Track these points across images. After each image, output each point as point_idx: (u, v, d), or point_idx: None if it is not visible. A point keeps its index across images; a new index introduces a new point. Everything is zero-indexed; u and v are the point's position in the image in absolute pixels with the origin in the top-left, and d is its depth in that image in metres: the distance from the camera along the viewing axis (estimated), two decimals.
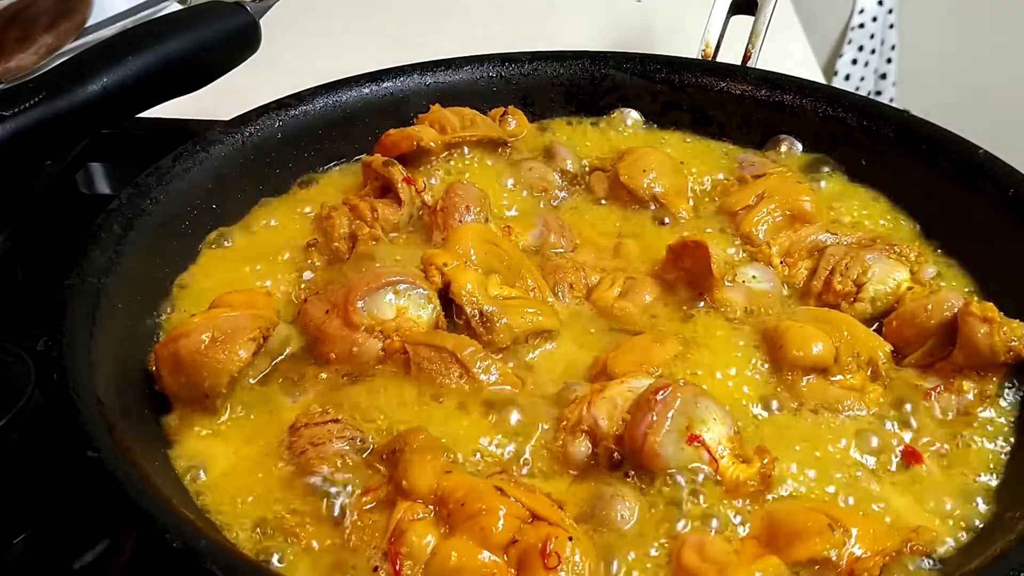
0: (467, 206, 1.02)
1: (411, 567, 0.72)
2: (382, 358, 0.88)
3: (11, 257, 1.28)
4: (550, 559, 0.69)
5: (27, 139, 0.97)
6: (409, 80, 1.21)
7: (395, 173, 1.04)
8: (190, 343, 0.83)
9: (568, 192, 1.14)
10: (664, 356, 0.88)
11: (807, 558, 0.72)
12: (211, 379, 0.83)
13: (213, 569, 0.65)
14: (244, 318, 0.85)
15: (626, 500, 0.76)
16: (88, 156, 1.43)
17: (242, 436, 0.84)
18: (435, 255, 0.94)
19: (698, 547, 0.72)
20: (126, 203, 0.98)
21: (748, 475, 0.77)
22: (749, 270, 1.00)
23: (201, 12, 1.17)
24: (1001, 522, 0.77)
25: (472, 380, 0.86)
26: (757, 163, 1.15)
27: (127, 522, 0.82)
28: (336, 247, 1.01)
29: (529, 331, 0.91)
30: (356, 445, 0.81)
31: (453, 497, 0.74)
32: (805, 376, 0.88)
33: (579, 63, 1.25)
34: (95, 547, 0.93)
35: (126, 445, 0.75)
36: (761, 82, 1.20)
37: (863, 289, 0.96)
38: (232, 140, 1.10)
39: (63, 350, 0.81)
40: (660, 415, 0.77)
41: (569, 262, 1.01)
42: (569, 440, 0.81)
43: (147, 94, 1.10)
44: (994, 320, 0.85)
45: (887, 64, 3.28)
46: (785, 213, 1.05)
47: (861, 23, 3.18)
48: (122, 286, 0.91)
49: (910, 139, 1.09)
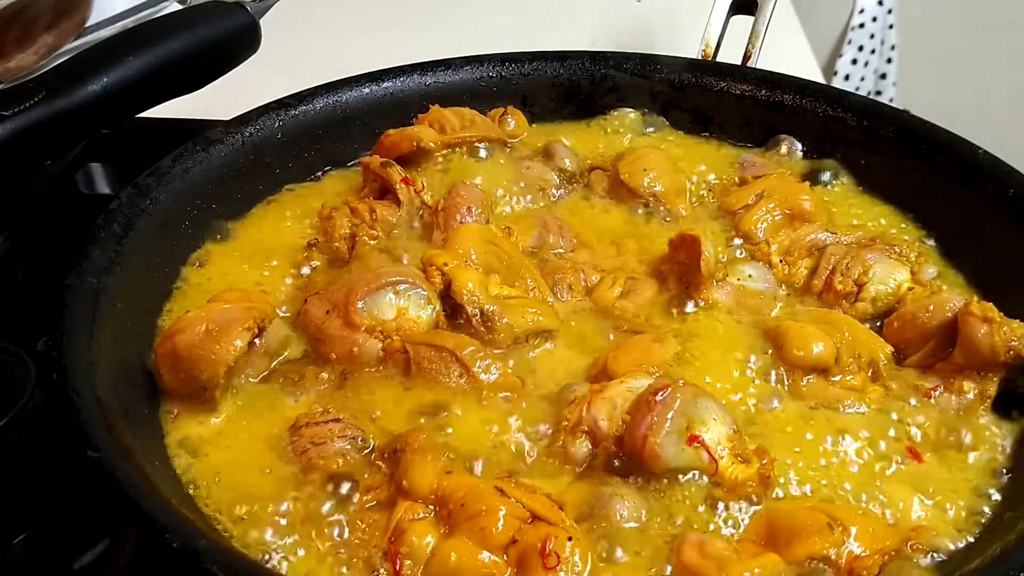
0: (469, 207, 1.02)
1: (411, 567, 0.72)
2: (382, 358, 0.88)
3: (11, 257, 1.28)
4: (549, 559, 0.69)
5: (27, 139, 0.97)
6: (409, 80, 1.21)
7: (393, 174, 1.04)
8: (186, 338, 0.83)
9: (566, 190, 1.14)
10: (664, 356, 0.88)
11: (806, 557, 0.72)
12: (208, 371, 0.83)
13: (213, 569, 0.65)
14: (238, 310, 0.86)
15: (625, 499, 0.76)
16: (88, 156, 1.43)
17: (243, 435, 0.84)
18: (435, 255, 0.94)
19: (698, 545, 0.72)
20: (126, 203, 0.98)
21: (747, 475, 0.77)
22: (747, 269, 1.00)
23: (201, 12, 1.17)
24: (1001, 522, 0.77)
25: (472, 380, 0.86)
26: (758, 164, 1.15)
27: (127, 522, 0.82)
28: (336, 247, 1.01)
29: (529, 331, 0.91)
30: (357, 444, 0.81)
31: (453, 498, 0.74)
32: (805, 376, 0.88)
33: (579, 63, 1.25)
34: (95, 547, 0.93)
35: (126, 445, 0.75)
36: (761, 82, 1.20)
37: (864, 289, 0.96)
38: (232, 140, 1.10)
39: (63, 350, 0.81)
40: (660, 416, 0.77)
41: (568, 263, 1.01)
42: (569, 440, 0.81)
43: (147, 94, 1.09)
44: (994, 320, 0.85)
45: (887, 64, 3.28)
46: (784, 212, 1.05)
47: (861, 23, 3.18)
48: (122, 286, 0.91)
49: (910, 139, 1.10)
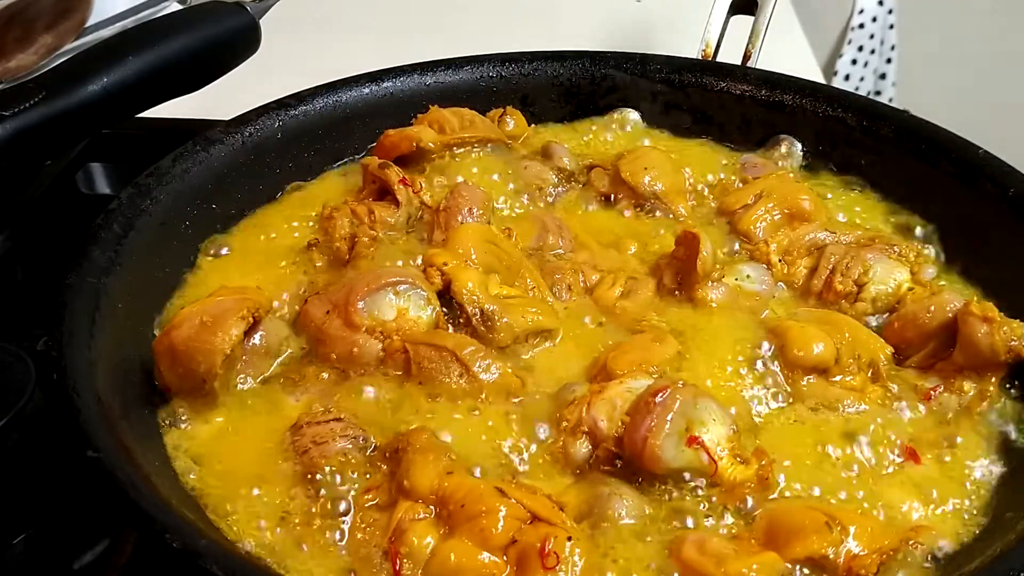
0: (470, 207, 1.02)
1: (411, 567, 0.72)
2: (383, 358, 0.88)
3: (11, 257, 1.29)
4: (549, 559, 0.69)
5: (27, 139, 0.97)
6: (409, 80, 1.21)
7: (391, 175, 1.04)
8: (182, 332, 0.83)
9: (564, 189, 1.13)
10: (663, 355, 0.88)
11: (805, 556, 0.72)
12: (205, 362, 0.83)
13: (213, 569, 0.65)
14: (231, 301, 0.86)
15: (624, 499, 0.76)
16: (88, 156, 1.43)
17: (244, 435, 0.84)
18: (435, 255, 0.94)
19: (698, 544, 0.72)
20: (126, 203, 0.98)
21: (746, 476, 0.77)
22: (745, 269, 0.99)
23: (201, 12, 1.17)
24: (1001, 522, 0.77)
25: (472, 379, 0.86)
26: (759, 165, 1.15)
27: (127, 522, 0.82)
28: (337, 248, 1.00)
29: (530, 330, 0.91)
30: (358, 444, 0.81)
31: (454, 498, 0.74)
32: (805, 376, 0.88)
33: (579, 63, 1.25)
34: (95, 547, 0.92)
35: (126, 445, 0.75)
36: (761, 82, 1.20)
37: (864, 289, 0.96)
38: (232, 140, 1.09)
39: (63, 350, 0.81)
40: (659, 418, 0.77)
41: (568, 263, 1.01)
42: (570, 441, 0.81)
43: (147, 94, 1.09)
44: (994, 320, 0.85)
45: (887, 64, 3.27)
46: (783, 211, 1.05)
47: (861, 23, 3.18)
48: (122, 286, 0.91)
49: (910, 139, 1.09)
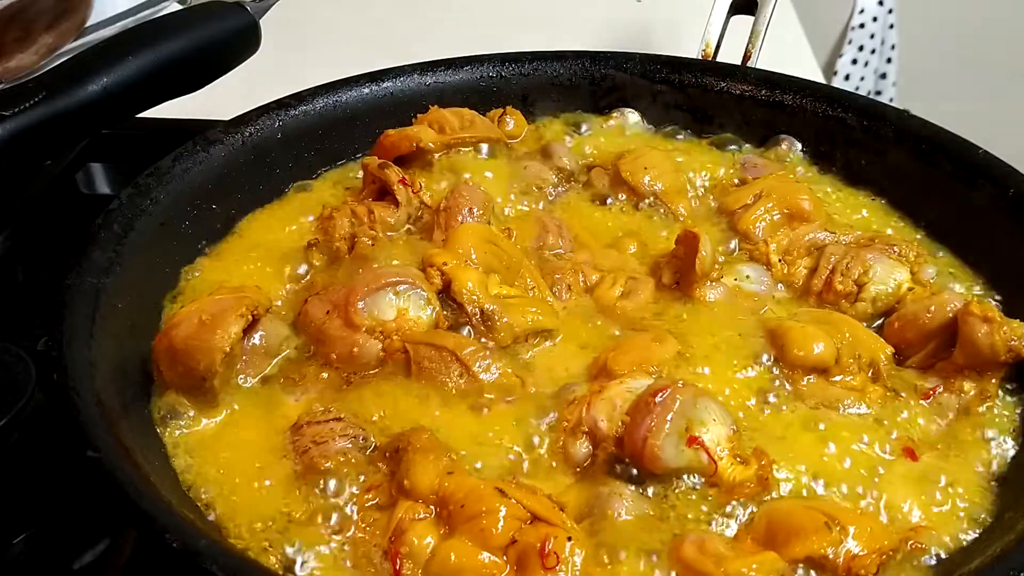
0: (471, 207, 1.02)
1: (411, 567, 0.72)
2: (383, 358, 0.88)
3: (11, 257, 1.29)
4: (548, 559, 0.69)
5: (27, 139, 0.97)
6: (409, 80, 1.21)
7: (391, 175, 1.04)
8: (181, 331, 0.83)
9: (564, 188, 1.13)
10: (664, 355, 0.88)
11: (804, 556, 0.72)
12: (205, 360, 0.83)
13: (213, 569, 0.65)
14: (230, 299, 0.86)
15: (624, 499, 0.76)
16: (88, 156, 1.43)
17: (244, 435, 0.84)
18: (435, 255, 0.94)
19: (698, 543, 0.72)
20: (126, 203, 0.97)
21: (746, 476, 0.77)
22: (745, 269, 1.00)
23: (201, 12, 1.17)
24: (1001, 522, 0.77)
25: (472, 379, 0.86)
26: (759, 165, 1.15)
27: (127, 522, 0.82)
28: (337, 247, 1.00)
29: (530, 330, 0.91)
30: (359, 443, 0.81)
31: (454, 498, 0.74)
32: (806, 376, 0.88)
33: (579, 63, 1.25)
34: (95, 547, 0.92)
35: (126, 445, 0.75)
36: (761, 82, 1.20)
37: (864, 289, 0.96)
38: (232, 140, 1.09)
39: (63, 350, 0.81)
40: (659, 418, 0.77)
41: (568, 262, 1.01)
42: (570, 441, 0.81)
43: (147, 94, 1.09)
44: (994, 320, 0.85)
45: (887, 64, 3.27)
46: (783, 211, 1.05)
47: (861, 23, 3.18)
48: (122, 286, 0.91)
49: (910, 139, 1.09)
